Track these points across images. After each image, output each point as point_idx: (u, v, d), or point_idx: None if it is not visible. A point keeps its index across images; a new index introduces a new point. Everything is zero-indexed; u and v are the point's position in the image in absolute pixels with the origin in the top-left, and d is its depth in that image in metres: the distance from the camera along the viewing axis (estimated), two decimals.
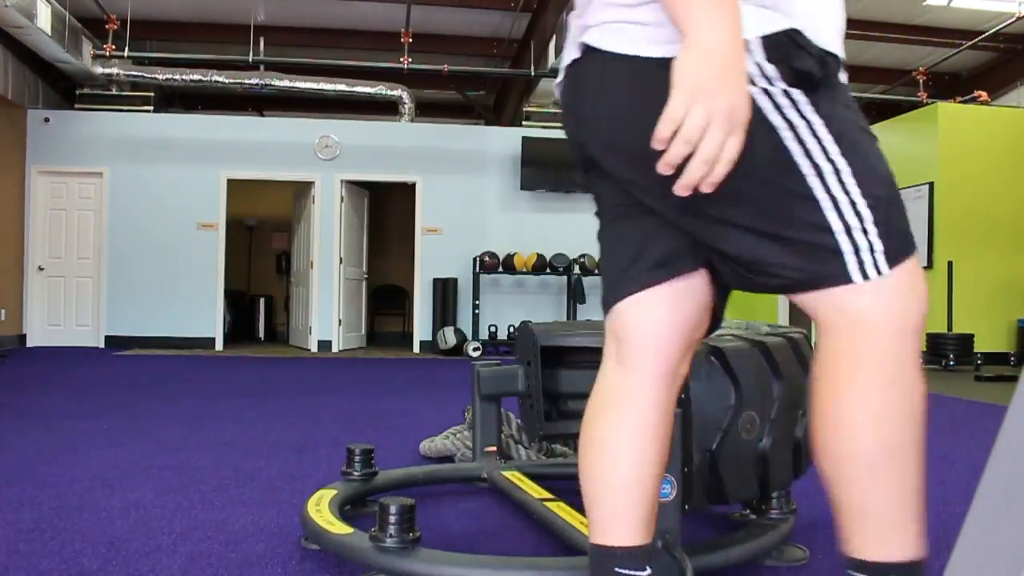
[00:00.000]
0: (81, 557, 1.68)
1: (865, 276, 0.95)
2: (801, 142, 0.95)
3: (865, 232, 0.95)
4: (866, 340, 0.96)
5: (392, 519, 1.49)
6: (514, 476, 2.12)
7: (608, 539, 1.11)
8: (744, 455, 1.53)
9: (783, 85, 0.94)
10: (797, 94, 0.94)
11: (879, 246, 0.95)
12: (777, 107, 0.94)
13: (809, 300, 1.00)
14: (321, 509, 1.76)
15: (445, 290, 9.40)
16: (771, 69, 0.94)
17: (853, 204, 0.95)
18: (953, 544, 0.57)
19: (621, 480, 1.10)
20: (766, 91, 0.94)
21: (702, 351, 1.51)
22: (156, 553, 1.71)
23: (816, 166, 0.95)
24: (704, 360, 1.50)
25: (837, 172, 0.95)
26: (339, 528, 1.63)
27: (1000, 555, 0.49)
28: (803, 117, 0.95)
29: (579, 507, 1.80)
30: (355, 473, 2.05)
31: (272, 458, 2.81)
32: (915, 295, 0.97)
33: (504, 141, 9.85)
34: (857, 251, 0.95)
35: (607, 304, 1.14)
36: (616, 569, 1.11)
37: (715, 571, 1.55)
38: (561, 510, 1.78)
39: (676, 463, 1.35)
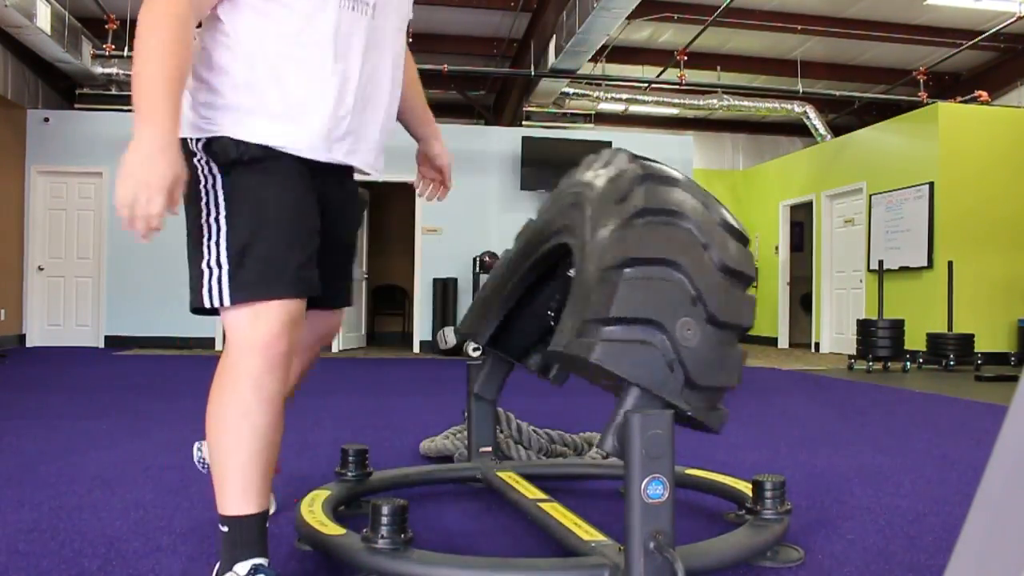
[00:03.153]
0: (81, 557, 1.68)
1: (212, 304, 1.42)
2: (206, 200, 1.45)
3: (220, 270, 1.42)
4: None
5: (384, 520, 1.48)
6: (509, 476, 2.12)
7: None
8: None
9: (206, 161, 1.45)
10: (215, 168, 1.45)
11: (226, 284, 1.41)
12: (203, 176, 1.45)
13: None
14: (314, 510, 1.76)
15: (445, 290, 9.40)
16: (201, 154, 1.45)
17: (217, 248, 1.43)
18: (953, 544, 0.57)
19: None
20: (197, 165, 1.45)
21: None
22: (156, 553, 1.71)
23: (208, 215, 1.44)
24: None
25: (217, 222, 1.44)
26: (332, 529, 1.63)
27: (1000, 555, 0.49)
28: (213, 184, 1.45)
29: (574, 508, 1.80)
30: (349, 474, 2.05)
31: None
32: (247, 332, 1.40)
33: (504, 141, 9.85)
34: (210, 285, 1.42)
35: None
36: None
37: (709, 572, 1.55)
38: (555, 511, 1.78)
39: (669, 464, 1.35)
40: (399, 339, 11.95)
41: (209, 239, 1.43)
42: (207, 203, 1.45)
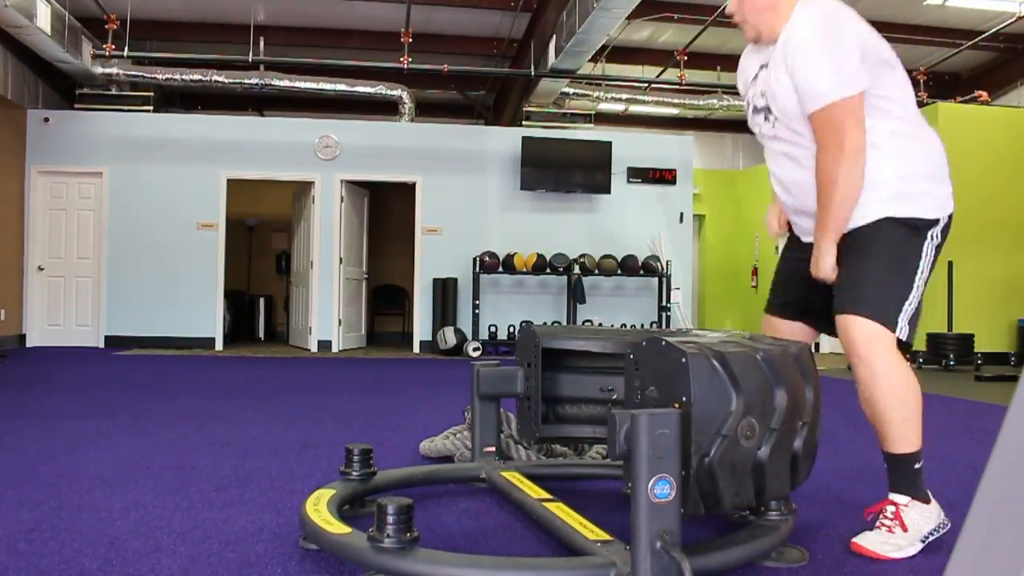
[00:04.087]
0: (81, 557, 1.68)
1: None
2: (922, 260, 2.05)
3: None
4: None
5: (390, 519, 1.48)
6: (513, 476, 2.12)
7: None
8: (742, 462, 1.53)
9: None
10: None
11: None
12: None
13: None
14: (319, 509, 1.76)
15: (445, 290, 9.40)
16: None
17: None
18: (953, 544, 0.57)
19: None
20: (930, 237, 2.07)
21: (705, 354, 1.51)
22: (156, 553, 1.71)
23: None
24: (706, 363, 1.50)
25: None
26: (337, 528, 1.63)
27: (1000, 555, 0.49)
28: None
29: (577, 507, 1.80)
30: (353, 473, 2.05)
31: (272, 458, 2.81)
32: None
33: (504, 141, 9.85)
34: None
35: None
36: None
37: (714, 572, 1.55)
38: (560, 511, 1.78)
39: (675, 464, 1.35)
40: (399, 339, 11.95)
41: (916, 284, 1.99)
42: (922, 262, 2.02)
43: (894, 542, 1.76)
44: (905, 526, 1.78)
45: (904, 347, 1.85)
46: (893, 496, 1.84)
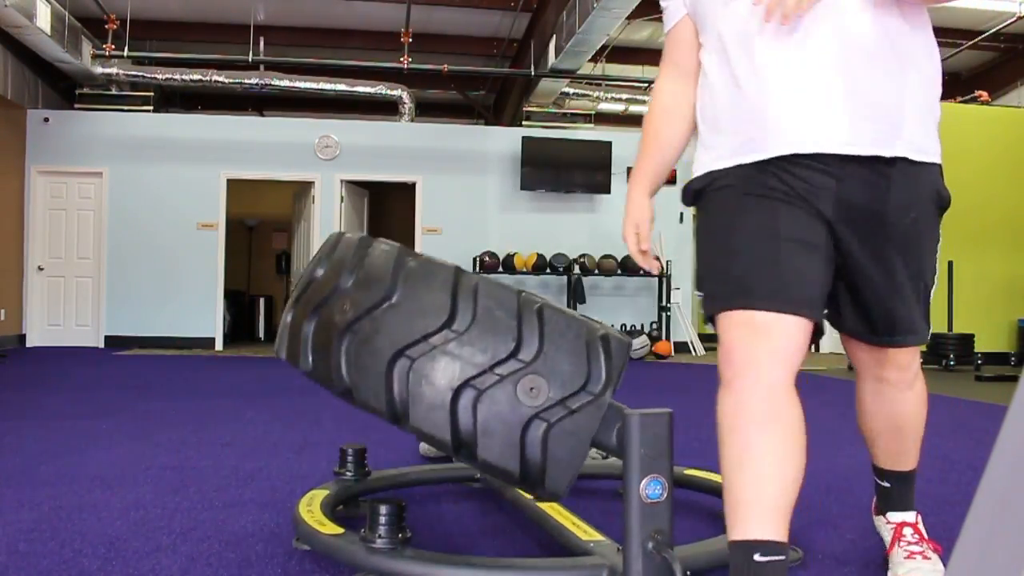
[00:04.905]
0: (81, 557, 1.68)
1: None
2: None
3: None
4: None
5: (382, 519, 1.48)
6: None
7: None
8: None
9: None
10: None
11: None
12: None
13: None
14: (312, 509, 1.76)
15: None
16: None
17: None
18: (953, 544, 0.57)
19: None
20: None
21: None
22: (156, 553, 1.71)
23: None
24: None
25: None
26: (330, 529, 1.63)
27: (1000, 556, 0.49)
28: None
29: (572, 508, 1.80)
30: (348, 473, 2.05)
31: (272, 458, 2.81)
32: None
33: (504, 141, 9.85)
34: None
35: None
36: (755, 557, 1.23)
37: (707, 572, 1.55)
38: (554, 511, 1.77)
39: (668, 465, 1.34)
40: None
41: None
42: None
43: (938, 568, 1.53)
44: (930, 541, 1.61)
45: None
46: (902, 516, 1.64)
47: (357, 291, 1.44)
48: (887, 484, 1.68)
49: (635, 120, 12.30)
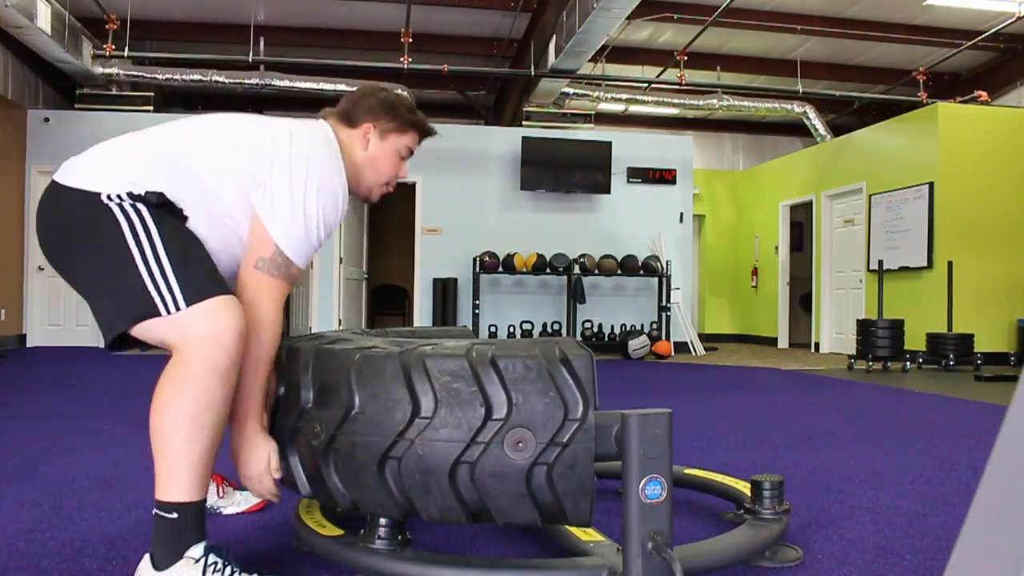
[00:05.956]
0: (82, 556, 1.68)
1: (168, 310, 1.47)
2: (133, 232, 1.52)
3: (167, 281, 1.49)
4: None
5: (382, 521, 1.48)
6: None
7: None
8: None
9: (131, 204, 1.55)
10: (141, 206, 1.55)
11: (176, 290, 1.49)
12: (125, 215, 1.54)
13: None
14: (312, 511, 1.76)
15: (445, 290, 9.40)
16: (125, 198, 1.56)
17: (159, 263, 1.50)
18: (953, 544, 0.57)
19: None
20: (118, 207, 1.54)
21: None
22: None
23: (138, 241, 1.51)
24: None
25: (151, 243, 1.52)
26: (329, 530, 1.63)
27: (1000, 556, 0.49)
28: (140, 219, 1.54)
29: None
30: None
31: None
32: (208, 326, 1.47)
33: (504, 141, 9.85)
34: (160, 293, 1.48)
35: None
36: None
37: (706, 572, 1.55)
38: None
39: (667, 465, 1.34)
40: None
41: (145, 260, 1.50)
42: (135, 234, 1.52)
43: None
44: None
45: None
46: None
47: (320, 410, 1.50)
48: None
49: (635, 120, 12.31)
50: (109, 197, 1.55)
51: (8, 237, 8.87)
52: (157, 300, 1.47)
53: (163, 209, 1.56)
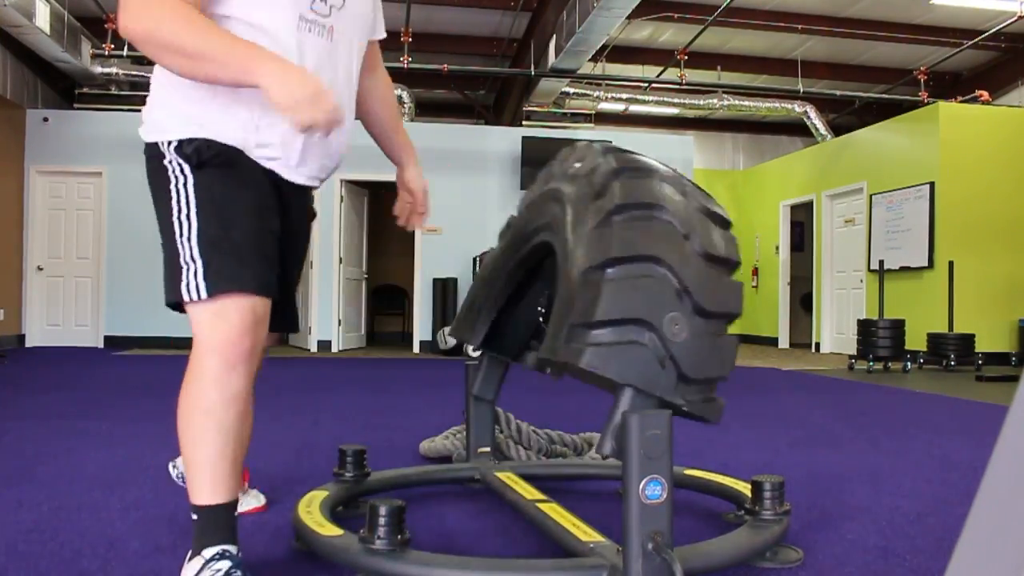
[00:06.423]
0: (81, 557, 1.67)
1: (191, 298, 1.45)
2: (177, 199, 1.49)
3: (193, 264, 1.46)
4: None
5: (381, 520, 1.48)
6: (507, 477, 2.12)
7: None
8: None
9: (178, 163, 1.50)
10: (186, 169, 1.49)
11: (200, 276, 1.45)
12: (174, 176, 1.50)
13: None
14: (311, 511, 1.75)
15: (445, 290, 9.40)
16: (172, 155, 1.51)
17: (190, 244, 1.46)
18: (953, 545, 0.57)
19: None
20: (168, 166, 1.50)
21: None
22: (156, 553, 1.71)
23: (179, 213, 1.49)
24: None
25: (188, 219, 1.48)
26: (329, 530, 1.62)
27: (1001, 556, 0.49)
28: (184, 184, 1.50)
29: (572, 509, 1.80)
30: (347, 474, 2.05)
31: (272, 458, 2.81)
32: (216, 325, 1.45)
33: (504, 141, 9.85)
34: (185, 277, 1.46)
35: None
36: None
37: (707, 573, 1.55)
38: (554, 511, 1.77)
39: (667, 465, 1.34)
40: (399, 339, 11.95)
41: (181, 236, 1.48)
42: (178, 201, 1.49)
43: None
44: None
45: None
46: None
47: None
48: None
49: (635, 120, 12.31)
50: (165, 152, 1.51)
51: (7, 237, 8.87)
52: (183, 285, 1.46)
53: (207, 168, 1.49)
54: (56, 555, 1.69)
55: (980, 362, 7.63)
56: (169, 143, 1.51)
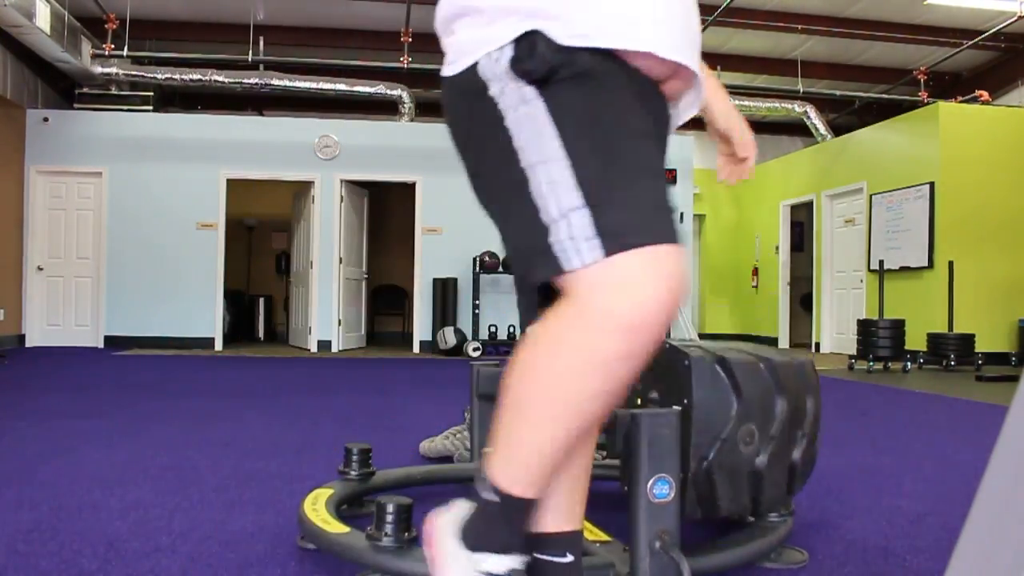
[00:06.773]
0: (81, 557, 1.67)
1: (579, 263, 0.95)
2: (519, 133, 1.00)
3: (570, 220, 0.95)
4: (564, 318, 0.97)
5: (389, 518, 1.48)
6: None
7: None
8: (740, 468, 1.53)
9: (514, 87, 1.00)
10: (528, 91, 0.99)
11: (589, 233, 0.94)
12: (506, 108, 1.01)
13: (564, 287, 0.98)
14: (318, 508, 1.75)
15: (445, 290, 9.39)
16: (505, 77, 1.00)
17: (558, 193, 0.96)
18: (954, 545, 0.57)
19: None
20: (498, 96, 1.02)
21: (708, 359, 1.51)
22: (156, 553, 1.71)
23: (528, 155, 0.99)
24: (709, 367, 1.50)
25: (546, 161, 0.97)
26: (336, 527, 1.62)
27: (1001, 557, 0.49)
28: (529, 112, 0.99)
29: None
30: (352, 473, 2.05)
31: (272, 458, 2.81)
32: (626, 290, 0.93)
33: None
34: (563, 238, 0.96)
35: None
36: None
37: (713, 573, 1.55)
38: None
39: (675, 464, 1.34)
40: (399, 339, 11.95)
41: (538, 186, 0.99)
42: (525, 139, 1.00)
43: None
44: None
45: None
46: None
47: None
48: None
49: None
50: (490, 81, 1.02)
51: (7, 237, 8.87)
52: (557, 249, 0.96)
53: (563, 82, 0.99)
54: (56, 555, 1.69)
55: (980, 362, 7.63)
56: (496, 60, 1.03)
